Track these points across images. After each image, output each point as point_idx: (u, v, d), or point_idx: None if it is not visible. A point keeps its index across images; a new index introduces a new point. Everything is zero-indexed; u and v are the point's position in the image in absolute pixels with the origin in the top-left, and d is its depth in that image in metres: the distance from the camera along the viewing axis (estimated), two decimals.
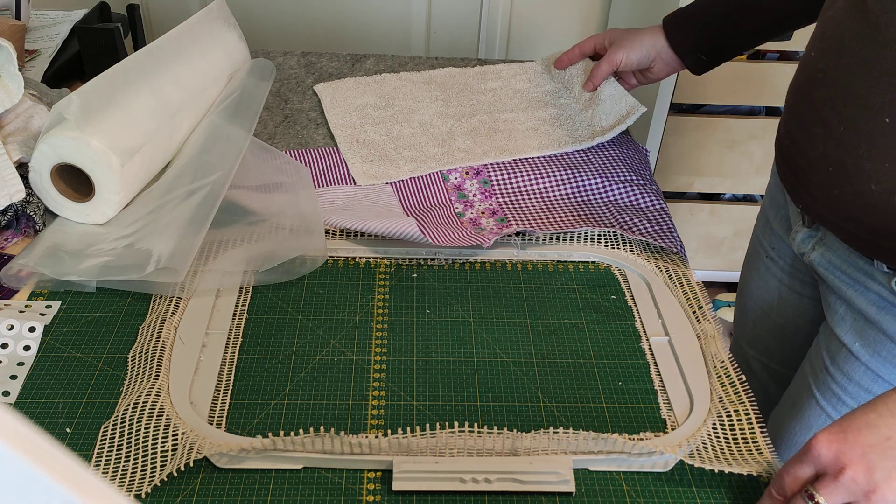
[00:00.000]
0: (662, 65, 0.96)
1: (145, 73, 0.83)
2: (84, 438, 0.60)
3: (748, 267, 0.95)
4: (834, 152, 0.67)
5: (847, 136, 0.66)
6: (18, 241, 0.78)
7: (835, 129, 0.67)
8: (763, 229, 0.91)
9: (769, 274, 0.90)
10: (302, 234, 0.78)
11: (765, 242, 0.90)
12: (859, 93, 0.64)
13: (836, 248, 0.74)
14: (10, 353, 0.66)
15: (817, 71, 0.69)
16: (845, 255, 0.73)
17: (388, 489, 0.57)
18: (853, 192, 0.66)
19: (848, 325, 0.74)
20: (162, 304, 0.71)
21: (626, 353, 0.70)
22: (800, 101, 0.73)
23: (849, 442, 0.52)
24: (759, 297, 0.92)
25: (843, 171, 0.67)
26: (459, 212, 0.85)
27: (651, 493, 0.58)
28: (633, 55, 0.96)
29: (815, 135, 0.70)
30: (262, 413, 0.63)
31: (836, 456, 0.52)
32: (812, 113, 0.70)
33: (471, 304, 0.74)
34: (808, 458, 0.53)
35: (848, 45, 0.65)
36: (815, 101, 0.70)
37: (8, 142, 0.79)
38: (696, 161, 1.69)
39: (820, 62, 0.69)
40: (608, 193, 0.88)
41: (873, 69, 0.62)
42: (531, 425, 0.63)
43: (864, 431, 0.53)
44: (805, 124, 0.71)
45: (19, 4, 1.01)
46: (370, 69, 1.13)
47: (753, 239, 0.95)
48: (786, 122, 0.77)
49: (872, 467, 0.51)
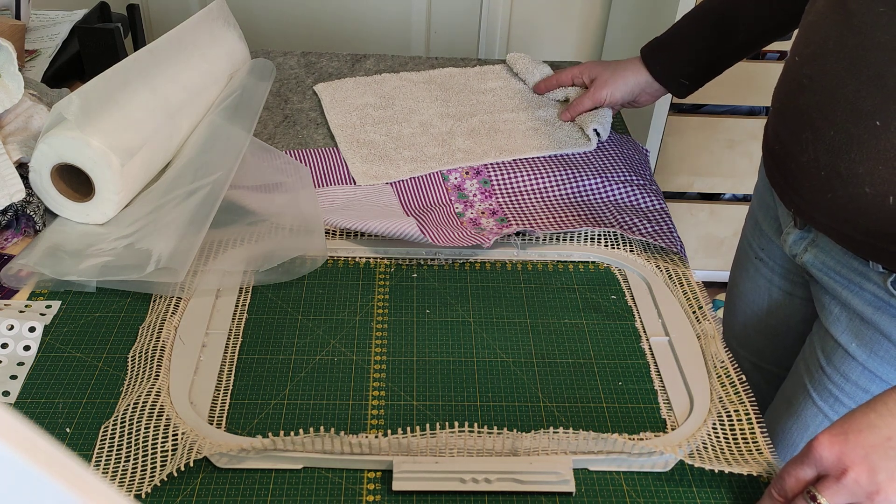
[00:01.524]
0: (648, 96, 0.97)
1: (145, 73, 0.83)
2: (84, 438, 0.60)
3: (737, 268, 0.95)
4: (825, 157, 0.67)
5: (837, 140, 0.65)
6: (18, 241, 0.78)
7: (825, 134, 0.66)
8: (752, 230, 0.91)
9: (759, 275, 0.90)
10: (302, 234, 0.78)
11: (754, 244, 0.90)
12: (847, 97, 0.64)
13: (829, 249, 0.74)
14: (10, 353, 0.66)
15: (803, 76, 0.69)
16: (839, 256, 0.73)
17: (388, 489, 0.57)
18: (847, 196, 0.66)
19: (843, 325, 0.74)
20: (162, 304, 0.71)
21: (626, 353, 0.70)
22: (787, 106, 0.73)
23: (850, 443, 0.52)
24: (750, 297, 0.92)
25: (835, 175, 0.66)
26: (459, 212, 0.85)
27: (651, 493, 0.58)
28: (618, 93, 0.96)
29: (804, 140, 0.69)
30: (262, 413, 0.63)
31: (838, 458, 0.52)
32: (800, 118, 0.70)
33: (471, 304, 0.74)
34: (810, 459, 0.53)
35: (832, 49, 0.65)
36: (803, 107, 0.69)
37: (8, 142, 0.79)
38: (696, 161, 1.69)
39: (805, 67, 0.69)
40: (608, 193, 0.88)
41: (860, 73, 0.62)
42: (531, 425, 0.63)
43: (865, 432, 0.53)
44: (794, 129, 0.71)
45: (19, 4, 1.01)
46: (370, 69, 1.13)
47: (742, 240, 0.95)
48: (773, 127, 0.77)
49: (875, 468, 0.51)
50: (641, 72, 0.94)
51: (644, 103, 0.99)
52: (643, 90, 0.96)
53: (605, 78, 0.96)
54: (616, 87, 0.96)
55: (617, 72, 0.96)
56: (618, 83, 0.95)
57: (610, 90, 0.96)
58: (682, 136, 1.65)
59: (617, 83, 0.95)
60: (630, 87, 0.95)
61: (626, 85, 0.95)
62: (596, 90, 0.96)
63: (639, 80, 0.95)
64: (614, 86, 0.96)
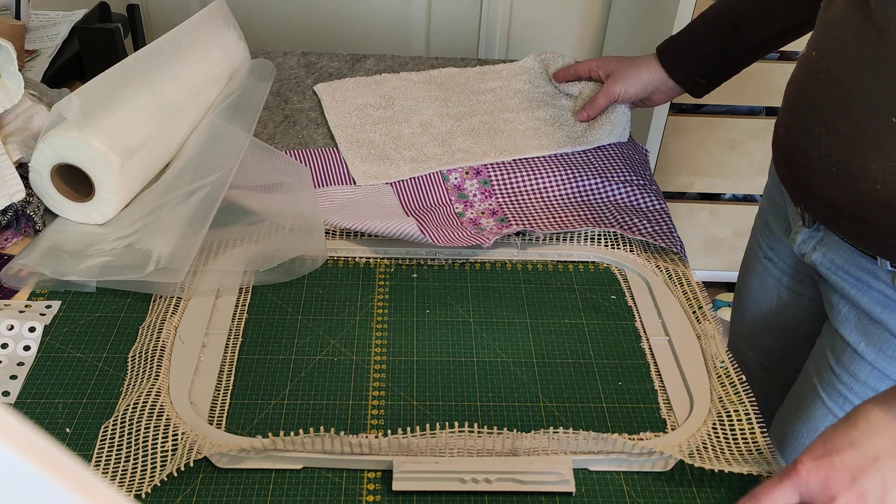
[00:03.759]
0: (661, 94, 0.96)
1: (145, 73, 0.83)
2: (84, 438, 0.60)
3: (746, 268, 0.95)
4: (837, 152, 0.67)
5: (851, 136, 0.65)
6: (18, 241, 0.78)
7: (838, 129, 0.66)
8: (761, 230, 0.91)
9: (767, 275, 0.90)
10: (302, 234, 0.78)
11: (763, 244, 0.90)
12: (864, 93, 0.64)
13: (838, 247, 0.74)
14: (10, 353, 0.66)
15: (819, 71, 0.69)
16: (847, 255, 0.73)
17: (388, 489, 0.57)
18: (857, 192, 0.66)
19: (852, 324, 0.74)
20: (162, 304, 0.71)
21: (626, 353, 0.70)
22: (801, 100, 0.73)
23: (836, 467, 0.51)
24: (758, 297, 0.92)
25: (847, 171, 0.66)
26: (459, 212, 0.85)
27: (651, 493, 0.58)
28: (632, 89, 0.95)
29: (817, 135, 0.69)
30: (262, 413, 0.63)
31: (824, 484, 0.51)
32: (814, 113, 0.70)
33: (471, 304, 0.74)
34: (793, 483, 0.51)
35: (851, 45, 0.65)
36: (818, 101, 0.69)
37: (8, 142, 0.79)
38: (696, 161, 1.69)
39: (822, 62, 0.69)
40: (608, 193, 0.88)
41: (879, 70, 0.62)
42: (531, 425, 0.63)
43: (849, 453, 0.51)
44: (807, 124, 0.71)
45: (19, 4, 1.01)
46: (370, 69, 1.13)
47: (751, 240, 0.95)
48: (785, 123, 0.77)
49: (864, 493, 0.50)
50: (657, 69, 0.94)
51: (657, 102, 0.98)
52: (657, 88, 0.95)
53: (621, 73, 0.96)
54: (630, 82, 0.95)
55: (633, 67, 0.95)
56: (632, 79, 0.95)
57: (624, 86, 0.95)
58: (682, 136, 1.65)
59: (631, 79, 0.95)
60: (644, 84, 0.95)
61: (640, 81, 0.95)
62: (610, 86, 0.96)
63: (653, 77, 0.94)
64: (628, 81, 0.95)
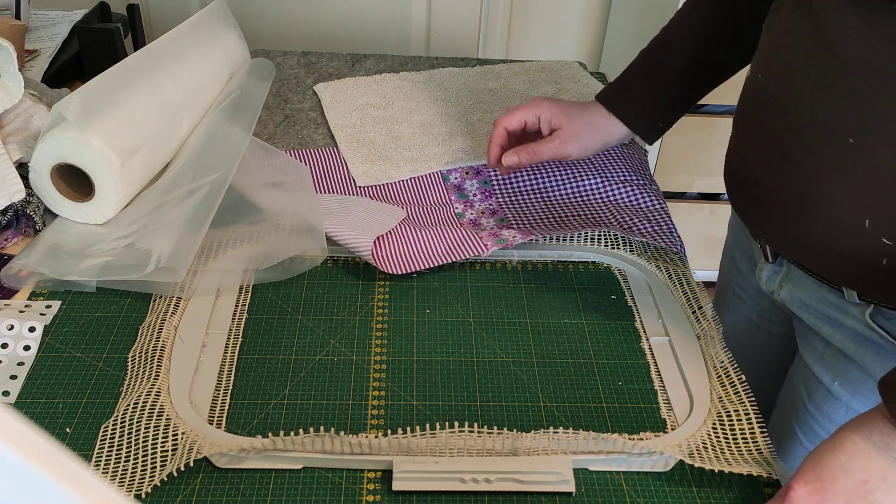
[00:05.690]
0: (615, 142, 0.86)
1: (145, 73, 0.83)
2: (84, 438, 0.60)
3: (719, 301, 0.92)
4: (796, 181, 0.63)
5: (809, 162, 0.61)
6: (18, 241, 0.78)
7: (795, 156, 0.62)
8: (729, 267, 0.87)
9: (737, 312, 0.87)
10: (301, 233, 0.78)
11: (732, 282, 0.87)
12: (819, 116, 0.60)
13: (803, 283, 0.70)
14: (10, 353, 0.66)
15: (769, 96, 0.65)
16: (813, 292, 0.69)
17: (388, 489, 0.57)
18: (820, 221, 0.62)
19: (826, 363, 0.71)
20: (162, 304, 0.71)
21: (626, 353, 0.70)
22: (752, 127, 0.68)
23: (828, 493, 0.51)
24: (731, 332, 0.89)
25: (807, 201, 0.62)
26: (459, 212, 0.85)
27: (651, 493, 0.58)
28: (594, 144, 0.83)
29: (772, 163, 0.65)
30: (262, 413, 0.63)
31: None
32: (767, 141, 0.66)
33: (471, 304, 0.74)
34: None
35: (802, 67, 0.61)
36: (770, 128, 0.65)
37: (8, 142, 0.79)
38: (696, 161, 1.69)
39: (770, 87, 0.65)
40: (608, 193, 0.88)
41: (834, 90, 0.58)
42: (531, 425, 0.63)
43: (840, 478, 0.52)
44: (761, 153, 0.67)
45: (19, 4, 1.01)
46: (370, 69, 1.13)
47: (720, 276, 0.91)
48: (738, 152, 0.72)
49: None
50: (610, 120, 0.83)
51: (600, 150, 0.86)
52: (613, 139, 0.84)
53: (571, 131, 0.81)
54: (589, 137, 0.82)
55: (584, 120, 0.82)
56: (590, 134, 0.82)
57: (578, 147, 0.82)
58: (682, 136, 1.65)
59: (588, 134, 0.82)
60: (603, 140, 0.83)
61: (598, 135, 0.82)
62: (562, 146, 0.81)
63: (611, 130, 0.83)
64: (587, 138, 0.82)
